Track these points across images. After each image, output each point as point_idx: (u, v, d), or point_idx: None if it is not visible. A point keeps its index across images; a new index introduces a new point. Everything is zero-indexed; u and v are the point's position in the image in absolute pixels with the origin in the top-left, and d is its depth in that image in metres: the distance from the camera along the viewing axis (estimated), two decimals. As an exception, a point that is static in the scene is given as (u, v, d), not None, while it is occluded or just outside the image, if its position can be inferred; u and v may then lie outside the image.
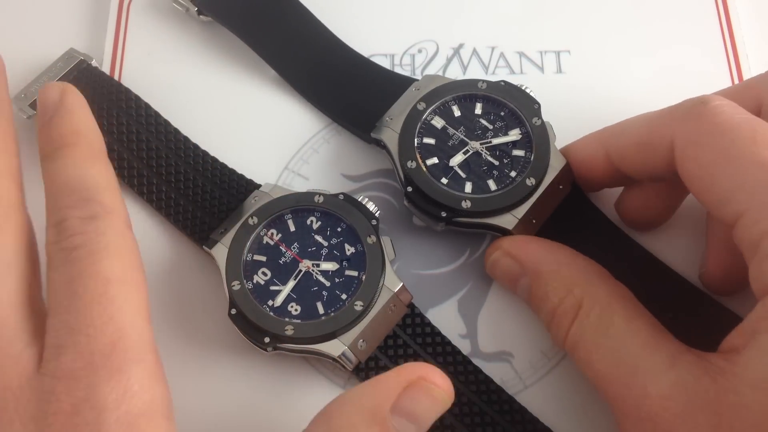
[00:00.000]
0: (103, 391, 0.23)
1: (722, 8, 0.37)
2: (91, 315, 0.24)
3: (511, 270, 0.29)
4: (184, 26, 0.37)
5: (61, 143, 0.28)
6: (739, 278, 0.30)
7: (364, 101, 0.34)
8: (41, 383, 0.23)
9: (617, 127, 0.29)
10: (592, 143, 0.30)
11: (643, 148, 0.28)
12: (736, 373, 0.22)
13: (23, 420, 0.23)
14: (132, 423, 0.23)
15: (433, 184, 0.30)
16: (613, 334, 0.25)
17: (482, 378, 0.29)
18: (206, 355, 0.30)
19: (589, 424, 0.29)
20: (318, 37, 0.36)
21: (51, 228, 0.26)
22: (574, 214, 0.31)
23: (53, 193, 0.27)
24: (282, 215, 0.30)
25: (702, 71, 0.36)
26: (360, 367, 0.28)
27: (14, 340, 0.24)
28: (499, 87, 0.32)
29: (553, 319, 0.27)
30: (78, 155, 0.28)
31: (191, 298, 0.31)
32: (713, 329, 0.25)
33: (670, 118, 0.27)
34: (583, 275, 0.27)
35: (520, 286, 0.29)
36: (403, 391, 0.23)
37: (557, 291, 0.27)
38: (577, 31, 0.37)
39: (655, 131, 0.27)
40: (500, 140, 0.31)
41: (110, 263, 0.25)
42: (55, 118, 0.29)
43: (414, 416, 0.23)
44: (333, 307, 0.28)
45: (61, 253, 0.25)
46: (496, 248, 0.30)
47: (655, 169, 0.28)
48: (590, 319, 0.26)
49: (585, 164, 0.30)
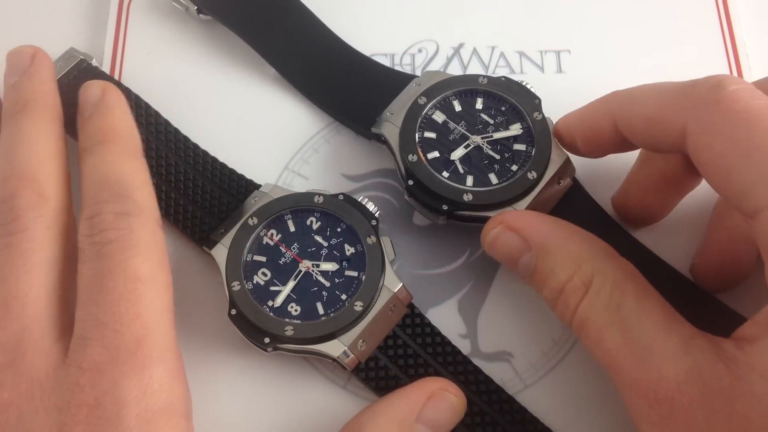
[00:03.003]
0: (126, 386, 0.24)
1: (722, 8, 0.37)
2: (119, 311, 0.25)
3: (514, 246, 0.27)
4: (184, 25, 0.37)
5: (100, 139, 0.29)
6: (730, 275, 0.30)
7: (365, 98, 0.34)
8: (67, 373, 0.24)
9: (627, 97, 0.28)
10: (599, 111, 0.29)
11: (653, 125, 0.26)
12: (748, 363, 0.22)
13: (48, 409, 0.24)
14: (151, 420, 0.24)
15: (435, 177, 0.30)
16: (625, 313, 0.25)
17: (482, 378, 0.29)
18: (206, 355, 0.30)
19: (589, 424, 0.29)
20: (318, 35, 0.36)
21: (84, 220, 0.27)
22: (574, 208, 0.31)
23: (89, 187, 0.28)
24: (282, 215, 0.30)
25: (702, 71, 0.35)
26: (360, 367, 0.28)
27: (45, 335, 0.25)
28: (499, 82, 0.32)
29: (561, 296, 0.26)
30: (115, 152, 0.29)
31: (191, 298, 0.31)
32: (712, 326, 0.25)
33: (684, 100, 0.25)
34: (593, 251, 0.26)
35: (522, 263, 0.27)
36: (426, 401, 0.26)
37: (566, 266, 0.26)
38: (577, 30, 0.37)
39: (668, 112, 0.26)
40: (501, 134, 0.31)
41: (140, 261, 0.26)
42: (96, 114, 0.30)
43: (436, 425, 0.26)
44: (333, 308, 0.28)
45: (93, 247, 0.26)
46: (495, 223, 0.28)
47: (664, 146, 0.26)
48: (601, 297, 0.25)
49: (591, 131, 0.29)
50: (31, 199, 0.27)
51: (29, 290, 0.25)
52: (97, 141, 0.29)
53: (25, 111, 0.30)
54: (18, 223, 0.26)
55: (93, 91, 0.31)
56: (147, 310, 0.25)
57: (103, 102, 0.30)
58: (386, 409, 0.26)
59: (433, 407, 0.26)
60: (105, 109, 0.30)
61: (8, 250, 0.26)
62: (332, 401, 0.29)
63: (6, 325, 0.25)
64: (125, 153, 0.29)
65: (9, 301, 0.25)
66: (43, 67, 0.32)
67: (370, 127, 0.32)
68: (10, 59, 0.32)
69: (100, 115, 0.30)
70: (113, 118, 0.30)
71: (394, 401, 0.26)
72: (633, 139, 0.28)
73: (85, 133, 0.30)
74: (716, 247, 0.30)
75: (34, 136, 0.29)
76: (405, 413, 0.26)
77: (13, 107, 0.30)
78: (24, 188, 0.27)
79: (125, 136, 0.30)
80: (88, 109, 0.30)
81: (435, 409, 0.26)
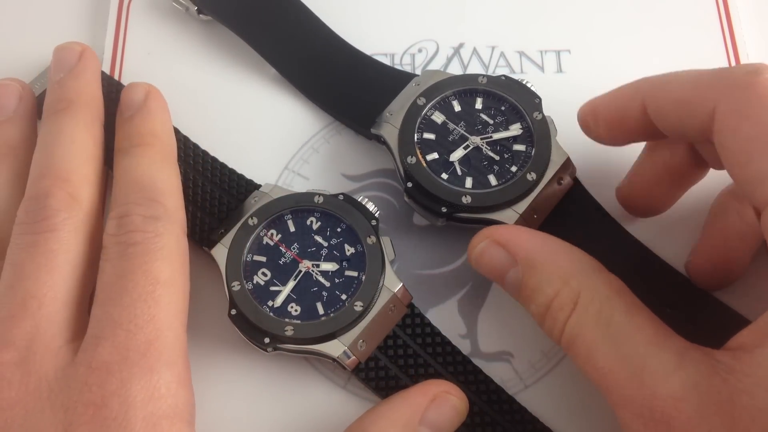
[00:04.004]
0: (134, 388, 0.24)
1: (722, 8, 0.37)
2: (135, 312, 0.25)
3: (500, 260, 0.27)
4: (184, 25, 0.37)
5: (138, 141, 0.29)
6: (725, 273, 0.30)
7: (364, 97, 0.34)
8: (75, 372, 0.24)
9: (659, 79, 0.28)
10: (628, 94, 0.28)
11: (683, 106, 0.26)
12: (747, 374, 0.22)
13: (54, 408, 0.24)
14: (156, 424, 0.24)
15: (433, 179, 0.30)
16: (615, 329, 0.24)
17: (482, 378, 0.29)
18: (206, 355, 0.30)
19: (589, 424, 0.29)
20: (317, 34, 0.36)
21: (112, 219, 0.27)
22: (575, 209, 0.31)
23: (121, 187, 0.28)
24: (282, 215, 0.30)
25: (702, 71, 0.36)
26: (360, 367, 0.28)
27: (57, 336, 0.25)
28: (499, 82, 0.32)
29: (548, 312, 0.26)
30: (151, 155, 0.29)
31: (191, 298, 0.31)
32: (710, 324, 0.25)
33: (717, 82, 0.25)
34: (580, 267, 0.26)
35: (509, 279, 0.27)
36: (429, 404, 0.26)
37: (552, 282, 0.26)
38: (577, 30, 0.37)
39: (700, 92, 0.25)
40: (501, 135, 0.31)
41: (162, 265, 0.26)
42: (137, 116, 0.30)
43: (439, 427, 0.26)
44: (333, 308, 0.28)
45: (117, 247, 0.26)
46: (482, 238, 0.28)
47: (692, 129, 0.26)
48: (590, 313, 0.25)
49: (618, 115, 0.29)
50: (63, 200, 0.27)
51: (48, 291, 0.26)
52: (135, 143, 0.29)
53: (68, 110, 0.30)
54: (47, 223, 0.27)
55: (136, 92, 0.31)
56: (162, 313, 0.25)
57: (146, 105, 0.31)
58: (389, 412, 0.26)
59: (436, 410, 0.26)
60: (146, 112, 0.30)
61: (34, 249, 0.26)
62: (332, 401, 0.29)
63: (19, 323, 0.25)
64: (161, 158, 0.29)
65: (26, 300, 0.25)
66: (89, 67, 0.32)
67: (370, 128, 0.32)
68: (57, 54, 0.32)
69: (141, 118, 0.30)
70: (153, 122, 0.30)
71: (397, 404, 0.26)
72: (660, 123, 0.27)
73: (123, 133, 0.30)
74: (711, 245, 0.30)
75: (74, 137, 0.29)
76: (408, 416, 0.26)
77: (56, 104, 0.30)
78: (57, 188, 0.27)
79: (163, 141, 0.30)
80: (129, 110, 0.31)
81: (438, 411, 0.26)
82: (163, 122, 0.31)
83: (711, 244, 0.30)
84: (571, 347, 0.25)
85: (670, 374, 0.23)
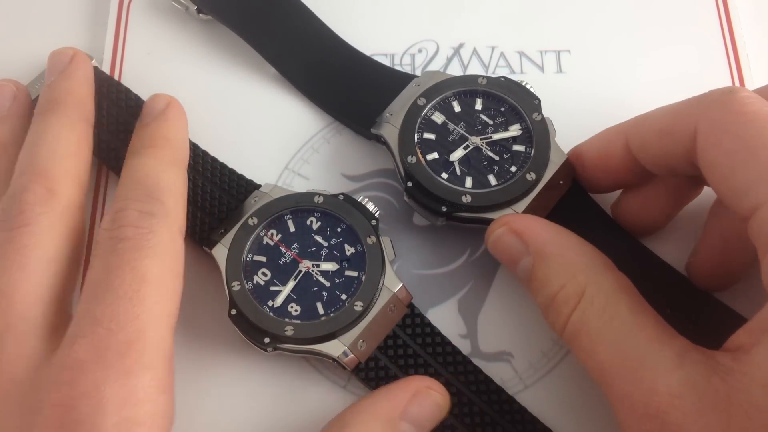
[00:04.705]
0: (107, 390, 0.22)
1: (722, 8, 0.37)
2: (118, 309, 0.24)
3: (514, 248, 0.28)
4: (184, 25, 0.37)
5: (149, 144, 0.30)
6: (725, 275, 0.30)
7: (365, 98, 0.34)
8: (48, 372, 0.23)
9: (639, 117, 0.29)
10: (612, 134, 0.29)
11: (665, 136, 0.27)
12: (745, 373, 0.22)
13: (22, 410, 0.23)
14: (129, 431, 0.22)
15: (434, 178, 0.30)
16: (618, 325, 0.25)
17: (482, 378, 0.29)
18: (206, 355, 0.30)
19: (589, 424, 0.29)
20: (318, 35, 0.36)
21: (109, 214, 0.27)
22: (574, 209, 0.31)
23: (125, 184, 0.28)
24: (282, 215, 0.30)
25: (702, 71, 0.36)
26: (360, 367, 0.28)
27: (29, 335, 0.24)
28: (499, 83, 0.32)
29: (552, 304, 0.26)
30: (159, 156, 0.29)
31: (191, 298, 0.31)
32: (710, 325, 0.25)
33: (696, 106, 0.26)
34: (588, 262, 0.26)
35: (521, 267, 0.28)
36: (411, 399, 0.26)
37: (559, 275, 0.26)
38: (577, 30, 0.37)
39: (679, 119, 0.26)
40: (500, 135, 0.31)
41: (152, 263, 0.25)
42: (153, 123, 0.31)
43: (420, 422, 0.26)
44: (333, 308, 0.28)
45: (109, 242, 0.26)
46: (500, 224, 0.28)
47: (675, 156, 0.27)
48: (594, 308, 0.25)
49: (601, 155, 0.29)
50: (40, 194, 0.27)
51: (19, 287, 0.25)
52: (146, 145, 0.29)
53: (54, 110, 0.30)
54: (22, 218, 0.26)
55: (158, 102, 0.31)
56: (146, 313, 0.24)
57: (164, 113, 0.31)
58: (370, 406, 0.26)
59: (418, 405, 0.26)
60: (163, 120, 0.31)
61: (8, 245, 0.26)
62: (332, 401, 0.29)
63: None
64: (170, 161, 0.29)
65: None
66: (79, 69, 0.32)
67: (370, 128, 0.32)
68: (51, 59, 0.32)
69: (157, 124, 0.30)
70: (168, 128, 0.30)
71: (379, 398, 0.26)
72: (643, 157, 0.28)
73: (137, 137, 0.30)
74: (710, 247, 0.30)
75: (57, 135, 0.29)
76: (389, 410, 0.26)
77: (45, 105, 0.30)
78: (35, 183, 0.27)
79: (174, 146, 0.30)
80: (148, 118, 0.31)
81: (419, 407, 0.26)
82: (177, 129, 0.31)
83: (711, 245, 0.30)
84: (573, 341, 0.26)
85: (670, 372, 0.23)
